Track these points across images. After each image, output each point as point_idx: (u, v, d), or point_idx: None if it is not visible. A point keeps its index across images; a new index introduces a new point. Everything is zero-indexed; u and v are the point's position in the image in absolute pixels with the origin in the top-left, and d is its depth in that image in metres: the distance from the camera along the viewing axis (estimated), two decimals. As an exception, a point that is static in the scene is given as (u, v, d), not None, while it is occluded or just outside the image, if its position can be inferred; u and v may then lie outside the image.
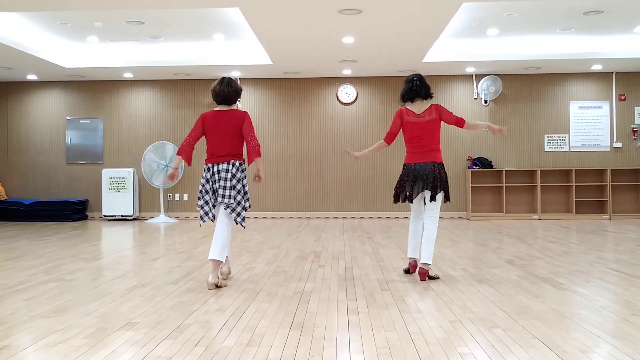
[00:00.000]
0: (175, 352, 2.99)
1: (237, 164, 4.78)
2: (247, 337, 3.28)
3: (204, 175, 4.83)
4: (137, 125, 11.72)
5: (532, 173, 11.13)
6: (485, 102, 11.24)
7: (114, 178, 11.24)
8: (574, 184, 10.86)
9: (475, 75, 11.29)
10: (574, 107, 11.29)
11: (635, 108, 11.23)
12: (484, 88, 11.21)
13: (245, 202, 4.79)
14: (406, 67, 10.61)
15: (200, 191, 4.82)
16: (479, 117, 11.36)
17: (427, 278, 4.94)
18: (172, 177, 4.86)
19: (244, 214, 4.79)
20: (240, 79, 11.53)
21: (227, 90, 4.85)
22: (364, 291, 4.51)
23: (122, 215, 11.22)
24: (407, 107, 5.16)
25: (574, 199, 10.86)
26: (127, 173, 11.26)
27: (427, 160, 4.98)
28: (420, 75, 5.22)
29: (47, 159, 11.79)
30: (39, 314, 3.86)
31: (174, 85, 11.68)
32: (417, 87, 5.10)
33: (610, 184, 10.89)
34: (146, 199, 11.62)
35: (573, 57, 9.95)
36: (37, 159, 11.81)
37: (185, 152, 4.82)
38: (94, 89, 11.73)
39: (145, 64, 10.29)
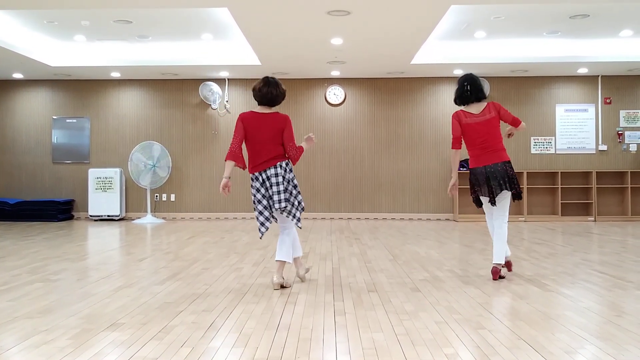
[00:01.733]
0: (161, 353, 2.98)
1: (283, 164, 4.63)
2: (233, 337, 3.28)
3: (253, 185, 4.69)
4: (124, 124, 11.65)
5: (518, 175, 11.19)
6: (473, 104, 11.28)
7: (100, 178, 11.16)
8: (559, 186, 10.94)
9: (463, 77, 11.32)
10: (560, 110, 11.39)
11: (620, 111, 11.34)
12: (472, 90, 11.24)
13: (297, 202, 4.68)
14: (394, 69, 10.64)
15: (254, 201, 4.70)
16: (467, 119, 11.39)
17: (497, 278, 4.94)
18: (225, 187, 4.59)
19: (299, 214, 4.71)
20: (228, 79, 11.50)
21: (274, 93, 4.65)
22: (351, 292, 4.52)
23: (108, 216, 11.15)
24: (463, 109, 5.06)
25: (560, 201, 10.94)
26: (113, 173, 11.19)
27: (496, 161, 4.88)
28: (471, 77, 5.05)
29: (33, 159, 11.69)
30: (23, 314, 3.83)
31: (161, 85, 11.63)
32: (467, 94, 5.00)
33: (596, 186, 10.98)
34: (133, 199, 11.56)
35: (559, 61, 10.03)
36: (23, 158, 11.70)
37: (236, 156, 4.62)
38: (80, 88, 11.65)
39: (132, 63, 10.23)
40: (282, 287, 4.67)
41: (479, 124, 4.94)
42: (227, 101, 11.56)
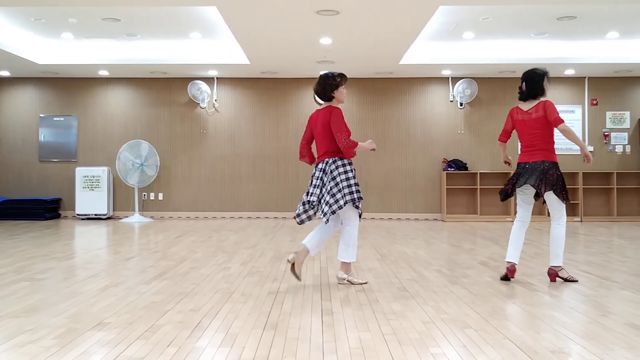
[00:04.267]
0: (147, 353, 2.97)
1: (330, 161, 4.72)
2: (220, 337, 3.27)
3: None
4: (112, 123, 11.58)
5: (506, 175, 11.25)
6: (461, 104, 11.35)
7: (87, 176, 11.09)
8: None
9: (452, 78, 11.39)
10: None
11: (607, 113, 11.44)
12: (460, 91, 11.31)
13: (334, 202, 4.60)
14: (383, 69, 10.66)
15: None
16: (455, 119, 11.46)
17: (556, 279, 4.92)
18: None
19: (327, 209, 4.61)
20: (216, 78, 11.47)
21: (316, 88, 4.93)
22: (339, 292, 4.53)
23: (95, 214, 11.09)
24: (519, 105, 5.10)
25: (547, 202, 11.01)
26: (101, 172, 11.13)
27: (536, 160, 4.87)
28: (530, 75, 5.03)
29: (20, 157, 11.59)
30: (9, 313, 3.80)
31: (150, 83, 11.58)
32: (520, 92, 5.05)
33: (582, 187, 11.07)
34: (121, 198, 11.50)
35: (547, 62, 10.07)
36: (9, 156, 11.60)
37: (302, 155, 5.03)
38: (68, 86, 11.57)
39: (121, 61, 10.18)
40: (293, 269, 4.65)
41: (526, 122, 4.97)
42: (215, 100, 11.53)
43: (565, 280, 4.91)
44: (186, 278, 5.08)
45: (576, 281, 4.91)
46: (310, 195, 4.72)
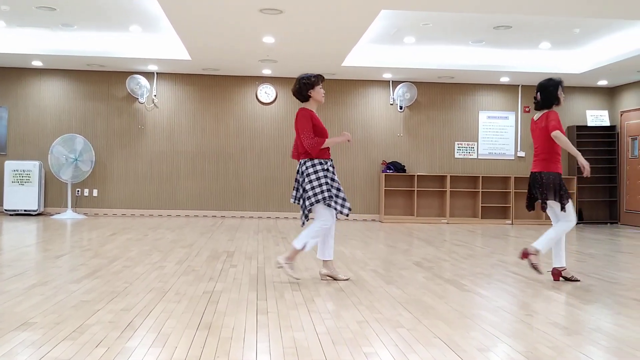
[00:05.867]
0: (74, 354, 2.88)
1: (302, 162, 4.89)
2: (151, 337, 3.21)
3: None
4: (45, 116, 11.17)
5: (442, 178, 11.53)
6: (401, 108, 11.55)
7: (17, 171, 10.65)
8: (480, 190, 11.36)
9: (392, 81, 11.58)
10: (483, 117, 11.81)
11: (539, 120, 11.88)
12: (400, 94, 11.51)
13: (304, 203, 4.79)
14: (326, 70, 10.71)
15: None
16: (394, 122, 11.65)
17: (559, 279, 5.08)
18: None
19: (301, 212, 4.88)
20: (156, 73, 11.25)
21: (293, 89, 5.03)
22: (275, 291, 4.52)
23: (25, 210, 10.66)
24: (535, 115, 5.27)
25: (480, 205, 11.36)
26: (32, 166, 10.71)
27: (536, 170, 5.09)
28: (544, 84, 5.17)
29: (-57, 148, 11.02)
30: None
31: (86, 76, 11.23)
32: (535, 101, 5.21)
33: (514, 191, 11.47)
34: (53, 193, 11.10)
35: (483, 69, 10.41)
36: None
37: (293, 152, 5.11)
38: (-2, 75, 11.08)
39: (56, 52, 9.82)
40: (330, 277, 4.97)
41: (534, 132, 5.17)
42: (155, 95, 11.30)
43: (568, 280, 5.11)
44: (119, 277, 4.95)
45: (578, 280, 5.11)
46: (293, 198, 5.01)
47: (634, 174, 11.25)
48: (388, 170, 11.36)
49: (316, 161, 4.86)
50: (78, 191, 11.14)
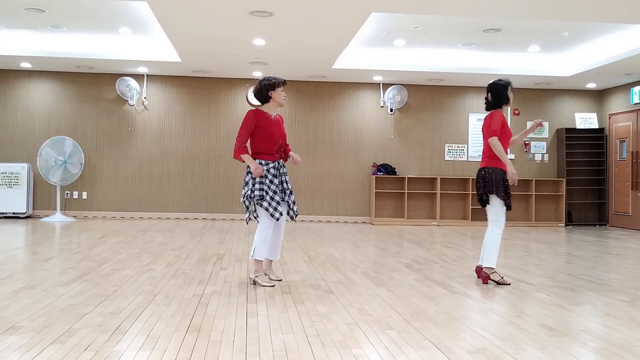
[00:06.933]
0: (62, 358, 2.86)
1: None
2: (140, 340, 3.19)
3: None
4: (33, 118, 11.09)
5: (432, 180, 11.57)
6: (391, 110, 11.58)
7: (5, 173, 10.58)
8: (470, 192, 11.39)
9: (383, 84, 11.60)
10: (472, 119, 11.86)
11: (528, 122, 11.94)
12: (390, 97, 11.54)
13: (245, 200, 4.93)
14: (316, 73, 10.73)
15: None
16: (385, 125, 11.67)
17: (488, 282, 5.08)
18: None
19: (248, 211, 5.01)
20: (146, 75, 11.22)
21: (254, 89, 5.20)
22: (265, 294, 4.52)
23: (13, 213, 10.58)
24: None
25: (470, 207, 11.39)
26: (20, 168, 10.64)
27: (481, 166, 5.24)
28: (494, 85, 5.32)
29: None
30: None
31: (76, 78, 11.17)
32: (486, 102, 5.34)
33: (504, 193, 11.49)
34: (41, 196, 11.03)
35: (473, 72, 10.45)
36: None
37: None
38: (-14, 77, 11.00)
39: (45, 54, 9.76)
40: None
41: (483, 129, 5.32)
42: (145, 98, 11.27)
43: (497, 283, 5.08)
44: (108, 280, 4.93)
45: (508, 284, 5.08)
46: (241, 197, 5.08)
47: (622, 176, 11.34)
48: (378, 173, 11.38)
49: (257, 161, 4.91)
50: (67, 194, 11.08)
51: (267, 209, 4.82)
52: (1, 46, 9.58)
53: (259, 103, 5.19)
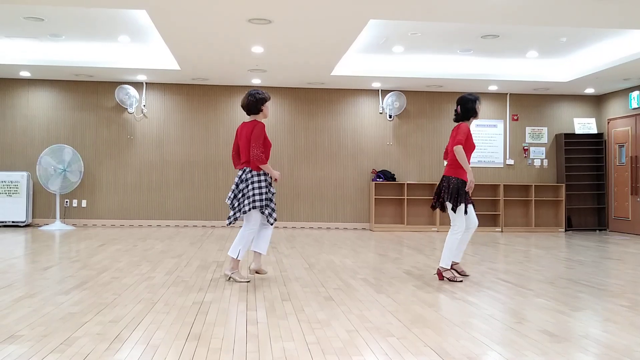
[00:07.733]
0: (62, 366, 2.86)
1: (247, 170, 5.27)
2: (140, 349, 3.19)
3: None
4: (33, 126, 11.10)
5: (432, 187, 11.55)
6: (390, 116, 11.59)
7: (5, 182, 10.58)
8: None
9: (381, 90, 11.62)
10: (471, 125, 11.83)
11: (527, 128, 11.98)
12: (389, 103, 11.55)
13: (240, 208, 5.27)
14: (315, 79, 10.75)
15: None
16: (384, 131, 11.69)
17: (442, 278, 5.51)
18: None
19: (231, 213, 5.37)
20: (145, 83, 11.23)
21: (247, 101, 5.41)
22: (265, 301, 4.51)
23: (13, 222, 10.58)
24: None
25: (471, 213, 11.37)
26: (20, 176, 10.64)
27: (444, 174, 5.67)
28: (464, 99, 5.77)
29: None
30: None
31: (75, 86, 11.19)
32: (456, 114, 5.83)
33: (503, 198, 11.52)
34: (41, 204, 11.02)
35: (472, 77, 10.47)
36: None
37: (235, 164, 5.50)
38: (-15, 86, 11.01)
39: (44, 63, 9.78)
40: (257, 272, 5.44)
41: (450, 140, 5.75)
42: (144, 105, 11.28)
43: (450, 280, 5.47)
44: (107, 288, 4.92)
45: (461, 281, 5.45)
46: (227, 199, 5.39)
47: (621, 181, 11.34)
48: (378, 179, 11.38)
49: (261, 172, 5.28)
50: (67, 202, 11.07)
51: (270, 215, 5.33)
52: (0, 55, 9.60)
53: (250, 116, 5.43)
